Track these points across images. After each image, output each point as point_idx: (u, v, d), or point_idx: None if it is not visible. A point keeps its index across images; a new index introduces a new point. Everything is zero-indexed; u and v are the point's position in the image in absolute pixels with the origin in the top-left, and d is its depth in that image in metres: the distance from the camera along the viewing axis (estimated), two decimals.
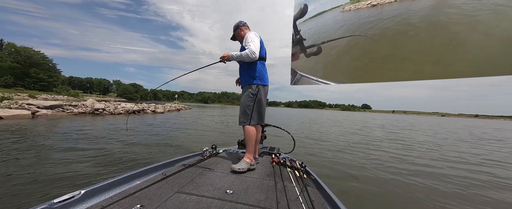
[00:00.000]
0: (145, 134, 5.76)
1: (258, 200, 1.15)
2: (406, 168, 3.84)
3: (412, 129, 13.49)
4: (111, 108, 12.39)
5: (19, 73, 37.26)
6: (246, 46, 1.74)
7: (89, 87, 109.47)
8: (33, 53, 40.62)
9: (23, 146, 3.71)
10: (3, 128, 5.31)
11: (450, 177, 3.46)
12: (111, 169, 2.83)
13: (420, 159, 4.72)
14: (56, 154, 3.34)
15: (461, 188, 2.97)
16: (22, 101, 9.10)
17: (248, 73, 1.82)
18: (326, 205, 1.16)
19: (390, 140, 7.68)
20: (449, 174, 3.63)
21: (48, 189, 2.14)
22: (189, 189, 1.23)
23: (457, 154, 5.56)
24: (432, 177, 3.38)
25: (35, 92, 31.46)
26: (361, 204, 2.38)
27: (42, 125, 6.29)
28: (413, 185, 3.01)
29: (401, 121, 28.07)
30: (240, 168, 1.60)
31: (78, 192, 0.99)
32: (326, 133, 8.65)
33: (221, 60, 1.85)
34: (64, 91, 40.28)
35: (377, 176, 3.31)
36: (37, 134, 4.88)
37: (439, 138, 9.13)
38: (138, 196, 1.09)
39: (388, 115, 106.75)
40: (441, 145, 6.98)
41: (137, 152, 3.80)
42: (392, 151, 5.43)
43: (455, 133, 11.96)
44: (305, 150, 4.94)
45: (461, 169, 4.03)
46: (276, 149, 2.32)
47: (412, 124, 20.01)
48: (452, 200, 2.53)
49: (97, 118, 9.11)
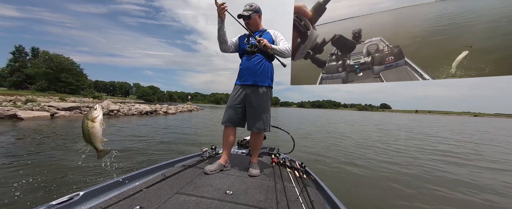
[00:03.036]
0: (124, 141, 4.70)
1: (258, 201, 1.15)
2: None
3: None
4: (125, 109, 12.87)
5: (52, 78, 41.24)
6: (281, 42, 1.64)
7: (112, 90, 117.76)
8: (63, 59, 44.66)
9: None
10: (24, 127, 5.59)
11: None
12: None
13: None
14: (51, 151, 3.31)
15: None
16: (44, 103, 9.78)
17: (267, 72, 1.65)
18: (326, 205, 1.16)
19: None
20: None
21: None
22: (188, 190, 1.23)
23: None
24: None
25: (65, 95, 34.47)
26: (361, 204, 2.29)
27: (49, 126, 6.58)
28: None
29: (436, 121, 25.38)
30: (258, 172, 1.57)
31: (76, 194, 0.99)
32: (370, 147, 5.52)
33: (257, 42, 1.56)
34: (90, 94, 43.66)
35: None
36: (48, 134, 5.04)
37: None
38: (137, 197, 1.09)
39: (412, 115, 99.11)
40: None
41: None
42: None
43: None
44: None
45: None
46: (276, 150, 2.26)
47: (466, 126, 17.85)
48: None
49: (111, 120, 9.44)
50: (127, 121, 9.21)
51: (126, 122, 8.76)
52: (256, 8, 1.66)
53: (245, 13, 1.62)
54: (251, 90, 1.62)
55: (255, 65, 1.61)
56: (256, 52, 1.62)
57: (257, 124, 1.63)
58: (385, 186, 2.85)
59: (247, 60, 1.64)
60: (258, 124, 1.63)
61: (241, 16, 1.63)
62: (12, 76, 45.12)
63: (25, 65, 46.09)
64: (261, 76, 1.62)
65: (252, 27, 1.67)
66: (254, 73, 1.61)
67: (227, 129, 1.69)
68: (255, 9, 1.65)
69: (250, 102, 1.63)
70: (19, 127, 5.94)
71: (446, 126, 17.34)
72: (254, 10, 1.65)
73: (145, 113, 13.68)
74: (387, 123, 17.89)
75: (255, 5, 1.66)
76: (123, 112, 12.32)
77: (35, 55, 48.78)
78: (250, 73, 1.62)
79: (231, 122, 1.66)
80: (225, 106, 1.80)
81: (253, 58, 1.62)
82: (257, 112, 1.62)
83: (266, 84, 1.64)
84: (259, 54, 1.63)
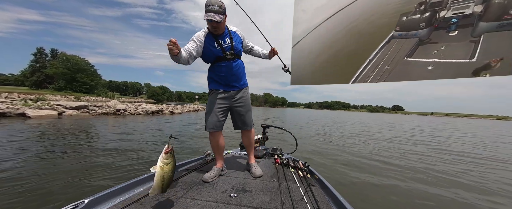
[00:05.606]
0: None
1: (262, 202, 1.15)
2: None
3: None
4: (132, 108, 13.03)
5: (69, 78, 43.34)
6: (250, 44, 1.77)
7: (124, 89, 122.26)
8: (80, 60, 46.81)
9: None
10: (31, 125, 5.65)
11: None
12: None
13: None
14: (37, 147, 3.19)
15: None
16: (53, 102, 10.07)
17: (244, 73, 1.71)
18: (332, 205, 1.15)
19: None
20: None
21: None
22: (193, 194, 1.23)
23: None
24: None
25: (80, 94, 36.04)
26: (367, 203, 2.31)
27: (52, 126, 6.63)
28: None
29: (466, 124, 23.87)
30: (261, 172, 1.62)
31: (81, 201, 0.99)
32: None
33: (273, 54, 1.83)
34: (103, 93, 45.37)
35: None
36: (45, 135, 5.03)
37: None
38: (142, 202, 1.10)
39: (427, 117, 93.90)
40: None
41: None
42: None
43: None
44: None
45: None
46: (279, 150, 2.27)
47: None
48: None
49: (118, 118, 9.52)
50: (141, 120, 9.23)
51: (131, 120, 8.76)
52: (224, 8, 1.39)
53: (217, 19, 1.34)
54: (237, 94, 1.65)
55: (236, 70, 1.60)
56: (235, 57, 1.57)
57: (248, 122, 1.72)
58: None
59: (227, 67, 1.56)
60: (249, 122, 1.73)
61: (211, 21, 1.36)
62: (32, 76, 47.93)
63: (45, 65, 48.81)
64: (243, 79, 1.68)
65: (220, 30, 1.47)
66: (237, 79, 1.62)
67: (215, 134, 1.65)
68: (224, 10, 1.39)
69: (238, 105, 1.66)
70: (18, 128, 6.02)
71: (474, 131, 16.11)
72: (224, 11, 1.39)
73: (151, 113, 13.79)
74: (417, 128, 16.89)
75: (223, 4, 1.38)
76: (129, 112, 12.47)
77: (54, 56, 51.54)
78: (234, 79, 1.61)
79: (217, 127, 1.62)
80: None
81: (233, 63, 1.57)
82: (245, 112, 1.69)
83: (247, 85, 1.74)
84: (237, 58, 1.60)
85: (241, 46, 1.61)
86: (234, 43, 1.53)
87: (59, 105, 9.42)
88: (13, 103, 8.94)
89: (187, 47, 1.41)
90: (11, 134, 4.84)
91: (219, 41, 1.48)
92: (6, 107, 7.52)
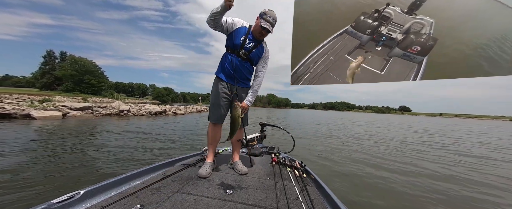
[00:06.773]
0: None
1: (257, 200, 1.15)
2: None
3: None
4: (135, 109, 13.10)
5: (77, 80, 44.43)
6: (261, 71, 1.75)
7: (130, 91, 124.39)
8: (87, 62, 47.96)
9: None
10: (36, 125, 5.67)
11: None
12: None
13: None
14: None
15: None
16: (58, 103, 10.20)
17: (250, 77, 1.78)
18: (326, 204, 1.16)
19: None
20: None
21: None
22: (188, 189, 1.23)
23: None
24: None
25: (88, 95, 36.82)
26: (360, 203, 2.28)
27: (57, 126, 6.64)
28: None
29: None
30: (246, 169, 1.64)
31: (77, 192, 0.99)
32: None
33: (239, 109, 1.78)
34: (110, 94, 46.24)
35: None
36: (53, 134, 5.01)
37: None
38: (138, 196, 1.10)
39: (437, 119, 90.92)
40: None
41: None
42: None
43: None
44: None
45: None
46: (276, 149, 2.27)
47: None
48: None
49: (121, 119, 9.53)
50: (143, 121, 9.22)
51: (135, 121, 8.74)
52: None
53: (271, 30, 1.53)
54: (242, 91, 1.70)
55: (241, 68, 1.65)
56: (246, 60, 1.64)
57: (244, 121, 1.76)
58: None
59: (234, 62, 1.63)
60: (245, 121, 1.78)
61: (264, 29, 1.53)
62: (43, 78, 49.40)
63: (54, 68, 50.25)
64: (245, 80, 1.73)
65: (261, 37, 1.64)
66: (240, 76, 1.67)
67: (215, 126, 1.69)
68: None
69: (240, 100, 1.70)
70: (17, 128, 6.06)
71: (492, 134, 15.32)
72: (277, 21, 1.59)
73: (154, 114, 13.83)
74: (437, 132, 16.26)
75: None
76: (132, 113, 12.53)
77: (63, 59, 52.99)
78: (242, 77, 1.67)
79: (221, 120, 1.67)
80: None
81: (241, 62, 1.63)
82: (245, 112, 1.73)
83: (248, 86, 1.78)
84: (248, 61, 1.66)
85: (257, 58, 1.68)
86: (254, 50, 1.62)
87: (64, 106, 9.53)
88: (19, 104, 9.10)
89: (229, 18, 1.58)
90: (10, 135, 4.84)
91: (246, 39, 1.59)
92: (12, 108, 7.63)
